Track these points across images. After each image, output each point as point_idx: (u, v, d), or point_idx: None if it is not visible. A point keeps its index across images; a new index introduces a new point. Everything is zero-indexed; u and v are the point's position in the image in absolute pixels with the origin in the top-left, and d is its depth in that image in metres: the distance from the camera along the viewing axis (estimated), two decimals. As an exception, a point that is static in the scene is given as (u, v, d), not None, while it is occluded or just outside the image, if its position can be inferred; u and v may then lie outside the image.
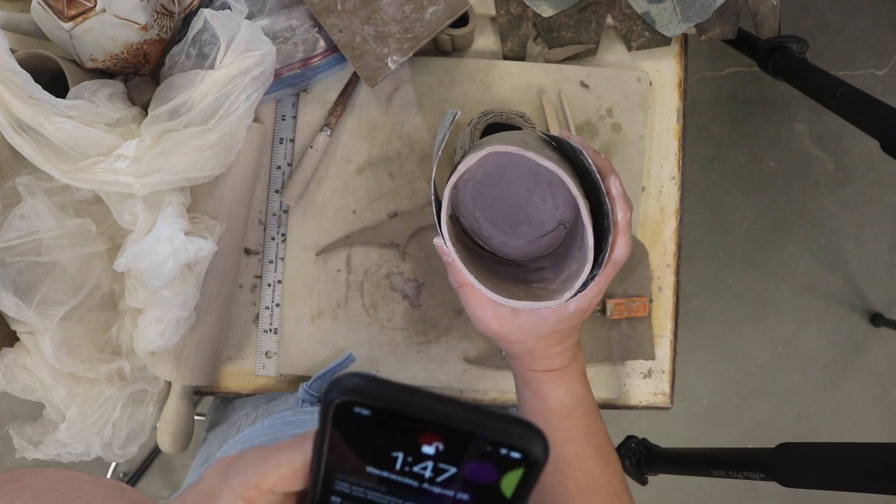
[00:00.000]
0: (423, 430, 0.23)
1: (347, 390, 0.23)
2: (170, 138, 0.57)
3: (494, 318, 0.49)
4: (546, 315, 0.48)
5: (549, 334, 0.49)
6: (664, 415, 1.54)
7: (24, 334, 0.63)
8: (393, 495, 0.25)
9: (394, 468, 0.24)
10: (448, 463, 0.23)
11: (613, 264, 0.48)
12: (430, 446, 0.23)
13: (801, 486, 0.74)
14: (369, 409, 0.23)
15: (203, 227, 0.63)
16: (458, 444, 0.23)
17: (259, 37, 0.60)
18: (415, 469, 0.24)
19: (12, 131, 0.54)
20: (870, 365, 1.64)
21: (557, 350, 0.50)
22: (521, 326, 0.48)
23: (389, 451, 0.24)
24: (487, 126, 0.65)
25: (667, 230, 0.73)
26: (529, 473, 0.23)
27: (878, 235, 1.63)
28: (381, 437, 0.23)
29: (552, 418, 0.50)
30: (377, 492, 0.25)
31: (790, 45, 0.84)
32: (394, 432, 0.23)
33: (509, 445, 0.23)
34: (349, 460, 0.24)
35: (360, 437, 0.24)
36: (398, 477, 0.24)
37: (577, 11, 0.70)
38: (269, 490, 0.27)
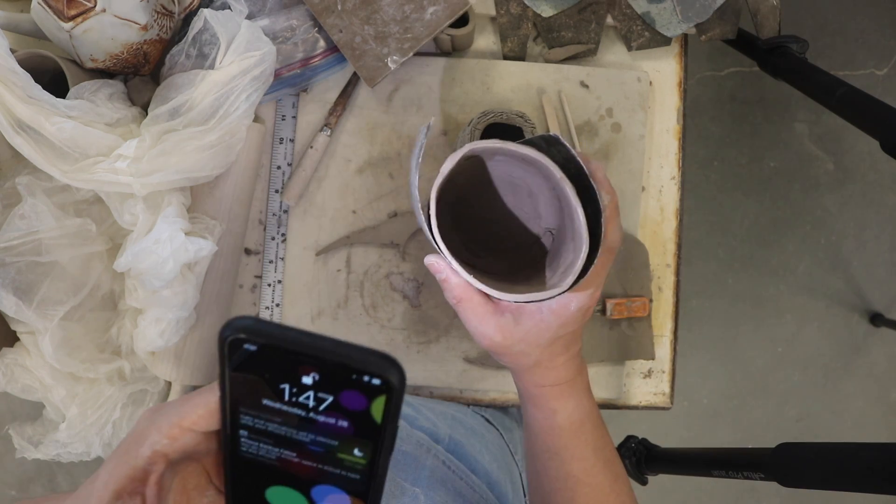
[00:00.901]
0: (301, 362, 0.26)
1: (236, 329, 0.26)
2: (170, 138, 0.57)
3: (497, 330, 0.47)
4: (548, 320, 0.47)
5: (553, 341, 0.48)
6: (664, 415, 1.54)
7: (24, 334, 0.63)
8: (287, 425, 0.28)
9: (283, 399, 0.28)
10: (325, 392, 0.27)
11: (608, 251, 0.47)
12: (308, 377, 0.27)
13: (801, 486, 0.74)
14: (255, 344, 0.26)
15: (203, 227, 0.63)
16: (331, 375, 0.26)
17: (259, 37, 0.60)
18: (300, 399, 0.27)
19: (12, 131, 0.54)
20: (870, 365, 1.64)
21: (563, 359, 0.49)
22: (525, 335, 0.47)
23: (278, 384, 0.27)
24: (487, 126, 0.65)
25: (667, 230, 0.73)
26: (391, 399, 0.27)
27: (878, 235, 1.63)
28: (269, 371, 0.27)
29: (562, 435, 0.50)
30: (274, 423, 0.28)
31: (790, 45, 0.84)
32: (278, 366, 0.27)
33: (370, 373, 0.26)
34: (247, 395, 0.28)
35: (252, 372, 0.27)
36: (288, 407, 0.28)
37: (577, 11, 0.70)
38: (189, 428, 0.30)
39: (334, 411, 0.27)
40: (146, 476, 0.29)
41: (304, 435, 0.28)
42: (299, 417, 0.28)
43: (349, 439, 0.28)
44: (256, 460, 0.29)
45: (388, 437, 0.28)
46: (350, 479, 0.29)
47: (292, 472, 0.29)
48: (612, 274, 0.70)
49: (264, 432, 0.29)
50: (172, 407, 0.30)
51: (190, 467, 0.31)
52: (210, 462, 0.32)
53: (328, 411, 0.27)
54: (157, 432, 0.30)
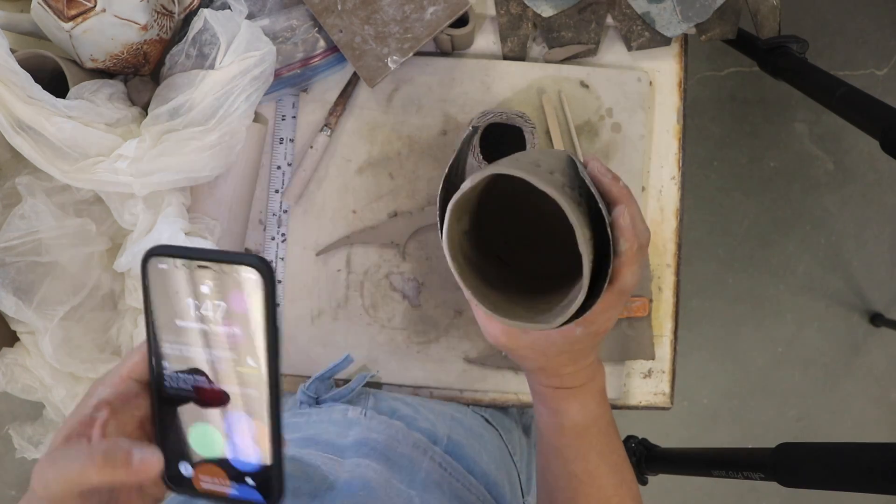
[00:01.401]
0: (195, 275, 0.30)
1: (151, 250, 0.31)
2: (170, 138, 0.57)
3: (503, 334, 0.48)
4: (554, 336, 0.47)
5: (558, 354, 0.48)
6: (664, 415, 1.54)
7: (24, 334, 0.63)
8: (199, 345, 0.32)
9: (191, 315, 0.31)
10: (219, 299, 0.31)
11: (619, 293, 0.47)
12: (204, 285, 0.30)
13: (801, 486, 0.74)
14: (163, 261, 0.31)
15: (203, 227, 0.63)
16: (218, 281, 0.30)
17: (259, 37, 0.60)
18: (202, 311, 0.31)
19: (12, 131, 0.54)
20: (870, 365, 1.64)
21: (569, 370, 0.49)
22: (531, 344, 0.48)
23: (184, 299, 0.31)
24: (487, 126, 0.65)
25: (667, 230, 0.73)
26: (266, 292, 0.30)
27: (878, 235, 1.63)
28: (177, 288, 0.31)
29: (564, 435, 0.50)
30: (188, 345, 0.32)
31: (790, 45, 0.84)
32: (183, 281, 0.31)
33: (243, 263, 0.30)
34: (164, 318, 0.32)
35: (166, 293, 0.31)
36: (195, 323, 0.31)
37: (577, 11, 0.70)
38: (126, 377, 0.34)
39: (229, 318, 0.31)
40: (92, 422, 0.33)
41: (209, 352, 0.31)
42: (204, 333, 0.31)
43: (242, 347, 0.31)
44: (178, 395, 0.33)
45: (271, 337, 0.31)
46: (251, 396, 0.32)
47: (206, 401, 0.32)
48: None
49: (179, 358, 0.32)
50: (116, 364, 0.35)
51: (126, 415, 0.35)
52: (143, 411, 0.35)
53: (225, 320, 0.31)
54: (101, 384, 0.34)
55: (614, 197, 0.47)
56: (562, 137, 0.70)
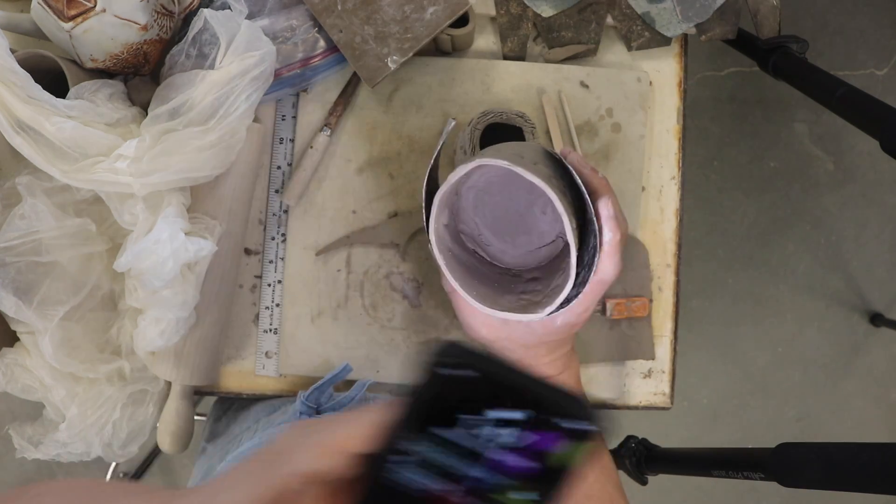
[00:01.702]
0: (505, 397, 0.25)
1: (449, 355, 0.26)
2: (170, 138, 0.57)
3: (484, 326, 0.49)
4: (534, 326, 0.48)
5: (537, 344, 0.49)
6: (664, 415, 1.54)
7: (24, 334, 0.63)
8: (455, 458, 0.26)
9: (466, 431, 0.26)
10: (516, 429, 0.26)
11: (599, 283, 0.47)
12: (506, 412, 0.26)
13: (801, 486, 0.74)
14: (466, 372, 0.26)
15: (203, 227, 0.63)
16: (531, 415, 0.26)
17: (259, 37, 0.60)
18: (484, 432, 0.26)
19: (12, 131, 0.54)
20: (870, 365, 1.64)
21: (547, 360, 0.50)
22: (510, 335, 0.49)
23: (466, 414, 0.26)
24: (487, 126, 0.65)
25: (667, 230, 0.73)
26: (585, 448, 0.26)
27: (878, 235, 1.63)
28: (464, 401, 0.26)
29: None
30: (439, 454, 0.26)
31: (790, 45, 0.84)
32: (477, 398, 0.26)
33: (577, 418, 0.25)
34: (426, 419, 0.26)
35: (444, 399, 0.26)
36: (467, 442, 0.26)
37: (577, 11, 0.70)
38: (341, 450, 0.27)
39: (517, 451, 0.26)
40: (293, 498, 0.27)
41: (471, 471, 0.26)
42: (474, 453, 0.26)
43: (519, 482, 0.26)
44: (400, 490, 0.27)
45: (564, 487, 0.26)
46: None
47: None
48: (612, 274, 0.70)
49: (425, 462, 0.27)
50: (324, 426, 0.28)
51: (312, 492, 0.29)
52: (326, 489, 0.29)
53: (510, 450, 0.26)
54: (306, 452, 0.27)
55: (594, 188, 0.48)
56: (562, 137, 0.70)
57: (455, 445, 0.26)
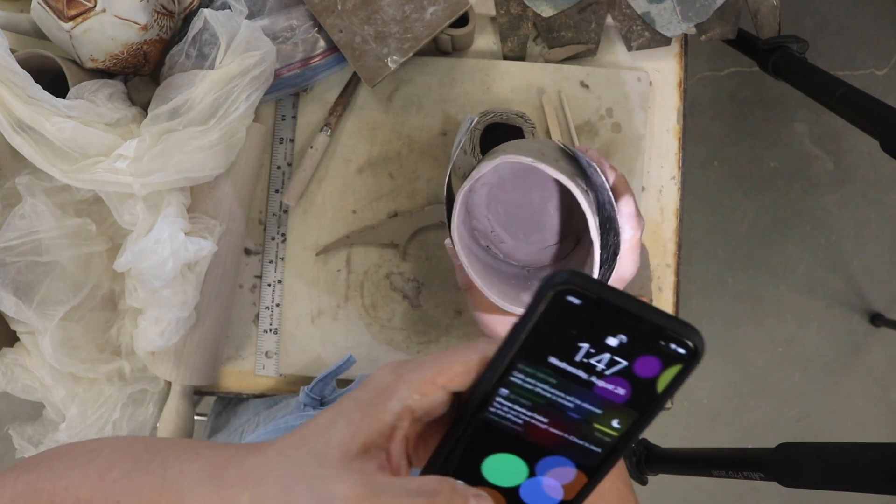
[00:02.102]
0: (617, 323, 0.26)
1: (567, 280, 0.25)
2: (170, 138, 0.57)
3: (499, 323, 0.49)
4: None
5: None
6: (664, 415, 1.53)
7: (24, 334, 0.63)
8: (558, 388, 0.27)
9: (573, 359, 0.26)
10: (623, 356, 0.26)
11: (619, 280, 0.48)
12: (615, 338, 0.26)
13: (801, 486, 0.74)
14: (582, 298, 0.25)
15: (203, 227, 0.63)
16: (639, 339, 0.26)
17: (259, 37, 0.60)
18: (591, 361, 0.26)
19: (12, 131, 0.54)
20: (870, 365, 1.64)
21: None
22: None
23: (577, 342, 0.26)
24: (487, 126, 0.65)
25: (667, 230, 0.73)
26: (686, 370, 0.26)
27: (878, 235, 1.63)
28: (577, 328, 0.26)
29: None
30: (546, 384, 0.27)
31: (790, 45, 0.84)
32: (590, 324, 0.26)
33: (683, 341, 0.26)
34: (537, 349, 0.26)
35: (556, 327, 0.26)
36: (573, 368, 0.26)
37: (577, 11, 0.70)
38: (442, 385, 0.27)
39: (620, 376, 0.26)
40: (392, 432, 0.27)
41: (571, 400, 0.27)
42: (578, 380, 0.27)
43: (616, 408, 0.27)
44: (497, 425, 0.28)
45: (657, 411, 0.27)
46: (590, 451, 0.28)
47: (531, 440, 0.28)
48: (612, 274, 0.70)
49: (528, 393, 0.27)
50: (424, 363, 0.28)
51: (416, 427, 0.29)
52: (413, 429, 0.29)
53: (614, 376, 0.26)
54: (406, 387, 0.27)
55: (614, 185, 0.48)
56: (562, 137, 0.70)
57: (572, 377, 0.27)
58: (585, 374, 0.26)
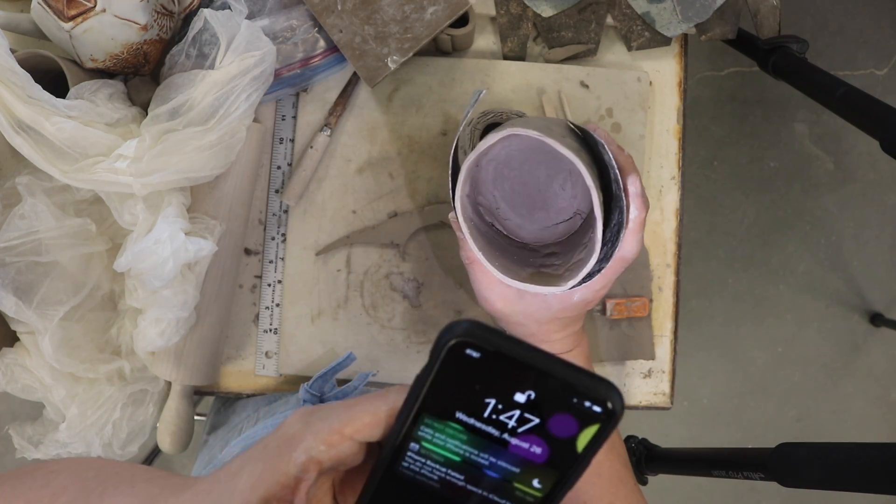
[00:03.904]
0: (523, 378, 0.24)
1: (464, 332, 0.24)
2: (170, 138, 0.57)
3: (500, 299, 0.49)
4: (550, 301, 0.48)
5: (551, 320, 0.49)
6: (664, 415, 1.54)
7: (24, 334, 0.63)
8: (470, 445, 0.26)
9: (481, 415, 0.25)
10: (533, 413, 0.25)
11: (621, 260, 0.48)
12: (522, 394, 0.25)
13: (801, 486, 0.74)
14: (481, 351, 0.24)
15: (203, 227, 0.63)
16: (548, 396, 0.24)
17: (259, 37, 0.60)
18: (501, 417, 0.25)
19: (12, 131, 0.54)
20: (870, 365, 1.64)
21: (559, 336, 0.50)
22: (525, 309, 0.49)
23: (483, 397, 0.25)
24: (487, 126, 0.65)
25: (667, 230, 0.73)
26: (603, 430, 0.25)
27: (878, 235, 1.63)
28: (479, 382, 0.25)
29: None
30: (456, 440, 0.26)
31: (790, 45, 0.84)
32: (493, 378, 0.25)
33: (597, 399, 0.24)
34: (441, 403, 0.25)
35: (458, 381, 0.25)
36: (482, 425, 0.25)
37: (577, 11, 0.70)
38: (350, 437, 0.27)
39: (535, 434, 0.25)
40: (297, 484, 0.27)
41: (485, 458, 0.26)
42: (491, 437, 0.25)
43: (535, 468, 0.26)
44: (413, 480, 0.27)
45: (580, 471, 0.26)
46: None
47: (450, 497, 0.27)
48: (612, 274, 0.71)
49: (440, 449, 0.26)
50: (332, 412, 0.28)
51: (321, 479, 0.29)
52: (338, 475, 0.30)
53: (527, 434, 0.25)
54: (313, 437, 0.27)
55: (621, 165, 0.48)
56: (562, 137, 0.70)
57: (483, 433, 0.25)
58: (497, 431, 0.25)
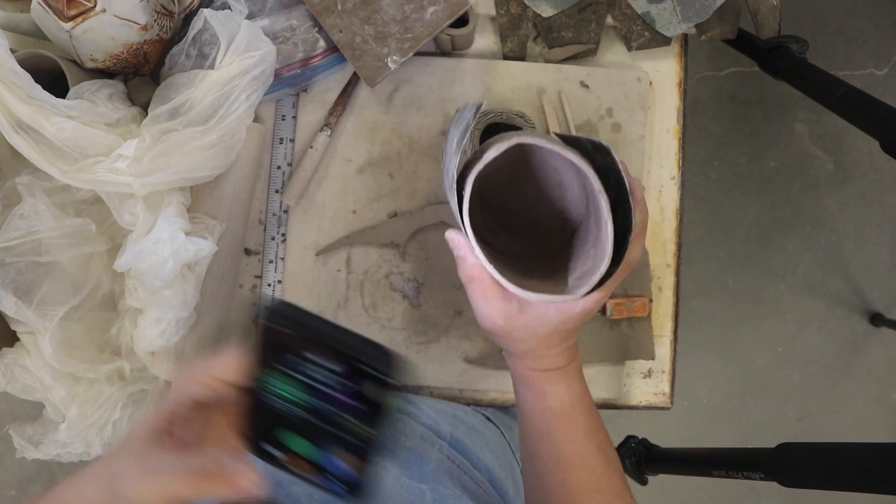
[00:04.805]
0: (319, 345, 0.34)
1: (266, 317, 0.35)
2: (170, 138, 0.57)
3: (500, 315, 0.49)
4: (551, 315, 0.48)
5: (551, 334, 0.49)
6: (664, 415, 1.54)
7: (24, 334, 0.63)
8: (307, 392, 0.35)
9: (306, 373, 0.35)
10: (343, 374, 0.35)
11: (626, 266, 0.48)
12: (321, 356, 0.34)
13: (801, 486, 0.74)
14: (289, 326, 0.34)
15: (203, 227, 0.63)
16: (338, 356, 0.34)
17: (259, 37, 0.60)
18: (320, 375, 0.35)
19: (12, 131, 0.54)
20: (870, 365, 1.64)
21: (557, 350, 0.50)
22: (525, 324, 0.48)
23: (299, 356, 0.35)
24: (487, 126, 0.65)
25: (667, 230, 0.73)
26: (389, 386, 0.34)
27: (878, 235, 1.63)
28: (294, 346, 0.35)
29: (553, 417, 0.50)
30: (292, 386, 0.35)
31: (790, 45, 0.84)
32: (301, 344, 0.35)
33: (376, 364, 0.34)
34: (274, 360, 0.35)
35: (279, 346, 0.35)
36: (310, 380, 0.35)
37: (577, 11, 0.70)
38: (217, 379, 0.35)
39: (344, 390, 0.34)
40: (177, 419, 0.35)
41: (318, 403, 0.35)
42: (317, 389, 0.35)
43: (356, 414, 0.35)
44: (279, 411, 0.36)
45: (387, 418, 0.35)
46: (355, 445, 0.36)
47: (307, 426, 0.36)
48: (612, 274, 0.70)
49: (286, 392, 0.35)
50: (200, 362, 0.36)
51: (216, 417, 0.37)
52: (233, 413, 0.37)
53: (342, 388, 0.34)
54: (184, 379, 0.36)
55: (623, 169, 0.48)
56: (562, 137, 0.70)
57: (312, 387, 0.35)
58: (321, 385, 0.35)
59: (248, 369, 0.36)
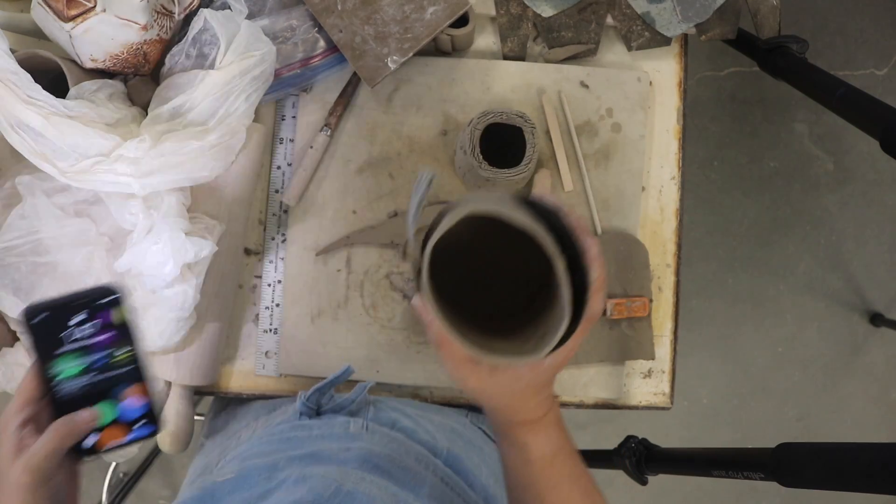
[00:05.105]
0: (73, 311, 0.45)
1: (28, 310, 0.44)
2: (170, 138, 0.57)
3: (472, 376, 0.49)
4: (522, 371, 0.49)
5: (524, 389, 0.49)
6: (664, 415, 1.54)
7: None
8: (80, 357, 0.45)
9: (71, 341, 0.45)
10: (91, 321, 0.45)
11: (589, 321, 0.48)
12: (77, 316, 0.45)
13: (801, 486, 0.74)
14: (41, 314, 0.44)
15: (203, 227, 0.63)
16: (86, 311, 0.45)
17: (259, 37, 0.60)
18: (80, 334, 0.45)
19: (12, 131, 0.54)
20: (870, 365, 1.64)
21: (534, 402, 0.50)
22: (497, 382, 0.49)
23: (62, 332, 0.45)
24: (487, 126, 0.65)
25: (667, 230, 0.73)
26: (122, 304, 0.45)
27: (878, 235, 1.63)
28: (54, 328, 0.45)
29: (534, 468, 0.51)
30: (73, 363, 0.45)
31: (790, 45, 0.84)
32: (59, 321, 0.45)
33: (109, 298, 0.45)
34: (50, 349, 0.44)
35: (46, 335, 0.44)
36: (76, 343, 0.45)
37: (577, 11, 0.70)
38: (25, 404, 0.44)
39: (101, 330, 0.45)
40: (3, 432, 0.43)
41: (91, 358, 0.45)
42: (84, 347, 0.45)
43: (116, 344, 0.45)
44: (73, 394, 0.45)
45: (134, 330, 0.46)
46: (130, 371, 0.46)
47: (99, 390, 0.45)
48: (612, 274, 0.70)
49: (70, 372, 0.45)
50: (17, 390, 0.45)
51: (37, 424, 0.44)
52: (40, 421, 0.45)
53: (98, 332, 0.45)
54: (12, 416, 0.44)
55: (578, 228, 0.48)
56: (562, 137, 0.70)
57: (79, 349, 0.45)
58: (85, 341, 0.45)
59: (36, 374, 0.44)
